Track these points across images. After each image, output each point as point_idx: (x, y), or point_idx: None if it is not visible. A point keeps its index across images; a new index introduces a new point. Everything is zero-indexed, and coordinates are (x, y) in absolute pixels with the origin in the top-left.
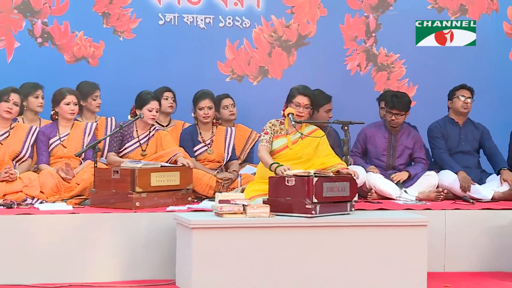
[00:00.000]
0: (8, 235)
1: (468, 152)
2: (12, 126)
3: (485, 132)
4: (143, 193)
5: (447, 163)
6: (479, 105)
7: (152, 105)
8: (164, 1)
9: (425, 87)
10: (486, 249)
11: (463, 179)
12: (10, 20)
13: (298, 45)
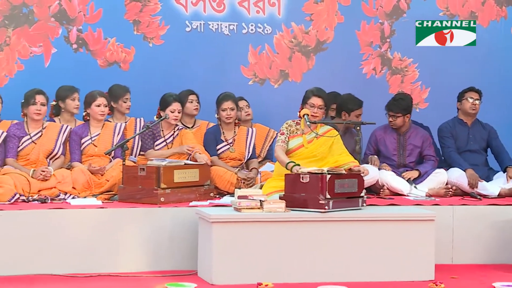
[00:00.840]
0: (42, 228)
1: (476, 151)
2: (44, 126)
3: (492, 132)
4: (167, 189)
5: (456, 161)
6: (487, 106)
7: (174, 106)
8: (191, 9)
9: (437, 89)
10: (492, 243)
11: (471, 176)
12: (48, 28)
13: (316, 50)
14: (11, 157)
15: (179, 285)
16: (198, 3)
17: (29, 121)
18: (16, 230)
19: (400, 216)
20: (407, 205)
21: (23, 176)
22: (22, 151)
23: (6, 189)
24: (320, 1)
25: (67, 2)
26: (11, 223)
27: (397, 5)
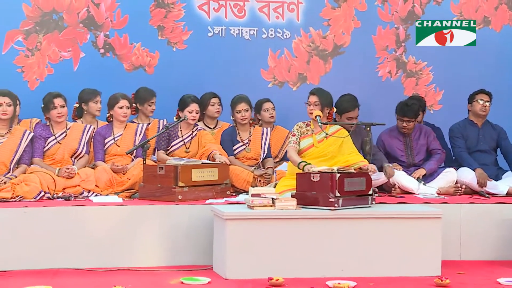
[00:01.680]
0: (64, 225)
1: (486, 151)
2: (68, 127)
3: (502, 133)
4: (185, 187)
5: (466, 161)
6: (499, 108)
7: (192, 107)
8: (213, 15)
9: (451, 91)
10: (499, 240)
11: (480, 175)
12: (76, 33)
13: (334, 54)
14: (38, 156)
15: (193, 279)
16: (219, 9)
17: (53, 123)
18: (40, 226)
19: (408, 214)
20: (415, 203)
21: (48, 174)
22: (48, 151)
23: (32, 187)
24: (337, 7)
25: (95, 9)
26: (36, 219)
27: (412, 11)
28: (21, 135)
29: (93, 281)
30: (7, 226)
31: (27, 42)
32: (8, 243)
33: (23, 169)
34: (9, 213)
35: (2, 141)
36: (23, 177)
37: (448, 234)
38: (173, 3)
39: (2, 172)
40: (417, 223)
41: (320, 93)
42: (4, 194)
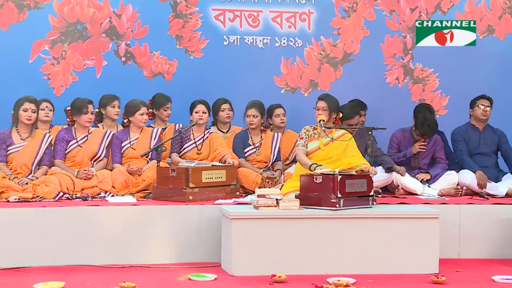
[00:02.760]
0: (81, 224)
1: (487, 154)
2: (90, 132)
3: (502, 136)
4: (195, 188)
5: (467, 163)
6: (502, 113)
7: (198, 108)
8: (228, 25)
9: (456, 97)
10: (497, 239)
11: (480, 177)
12: (99, 43)
13: (344, 62)
14: (59, 158)
15: (201, 275)
16: (235, 20)
17: (78, 127)
18: (57, 224)
19: (407, 213)
20: (416, 204)
21: (68, 176)
22: (69, 153)
23: (52, 188)
24: (347, 17)
25: (117, 20)
26: (54, 218)
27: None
28: (42, 138)
29: (106, 277)
30: (26, 224)
31: (53, 51)
32: (28, 241)
33: (44, 171)
34: (28, 212)
35: (24, 144)
36: (44, 178)
37: (448, 233)
38: (191, 13)
39: (24, 173)
40: (416, 223)
41: (328, 99)
42: (26, 194)
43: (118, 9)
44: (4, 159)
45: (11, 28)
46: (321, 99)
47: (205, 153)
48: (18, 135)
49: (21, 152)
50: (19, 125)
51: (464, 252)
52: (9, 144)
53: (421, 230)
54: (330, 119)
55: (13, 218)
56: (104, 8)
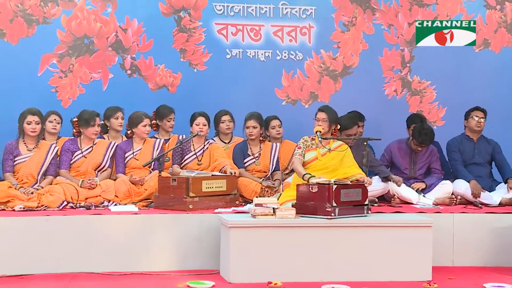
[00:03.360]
0: (83, 232)
1: (481, 164)
2: (94, 143)
3: (496, 147)
4: (195, 197)
5: (461, 173)
6: (497, 124)
7: (198, 120)
8: (231, 39)
9: (453, 109)
10: (490, 247)
11: (474, 186)
12: (106, 56)
13: (343, 74)
14: (64, 168)
15: (199, 283)
16: (237, 34)
17: (84, 138)
18: (60, 232)
19: (401, 222)
20: (410, 213)
21: (72, 185)
22: (74, 163)
23: (56, 197)
24: (347, 31)
25: (123, 34)
26: (57, 227)
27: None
28: (48, 149)
29: (107, 284)
30: (30, 233)
31: (61, 65)
32: (31, 248)
33: (49, 180)
34: (33, 221)
35: (30, 155)
36: (48, 188)
37: (441, 241)
38: (194, 28)
39: (30, 183)
40: (409, 231)
41: (328, 110)
42: (31, 203)
43: (124, 24)
44: (11, 169)
45: (20, 42)
46: (322, 111)
47: (206, 163)
48: (25, 146)
49: (27, 162)
50: (26, 136)
51: (457, 260)
52: (16, 155)
53: (415, 238)
54: (329, 130)
55: (17, 226)
56: (110, 23)
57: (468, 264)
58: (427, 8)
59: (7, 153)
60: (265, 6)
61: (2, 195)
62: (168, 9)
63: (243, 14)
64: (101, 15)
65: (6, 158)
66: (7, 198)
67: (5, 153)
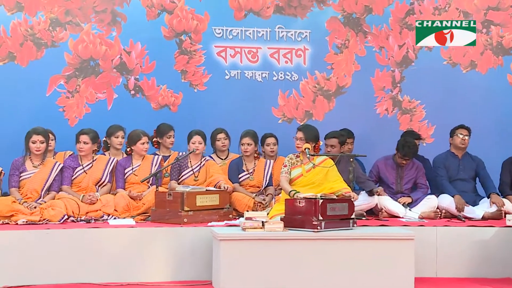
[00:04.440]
0: (82, 244)
1: (466, 179)
2: (95, 159)
3: (480, 163)
4: (190, 211)
5: (446, 188)
6: (483, 141)
7: (194, 138)
8: (230, 61)
9: (442, 127)
10: (471, 259)
11: (458, 201)
12: (110, 77)
13: (337, 94)
14: (66, 184)
15: None
16: (235, 55)
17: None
18: (60, 245)
19: (384, 235)
20: (395, 226)
21: (73, 200)
22: (75, 179)
23: (57, 211)
24: (340, 53)
25: (127, 56)
26: (57, 240)
27: (406, 55)
28: (52, 166)
29: None
30: (32, 245)
31: (68, 85)
32: (32, 260)
33: (52, 196)
34: (34, 234)
35: (35, 171)
36: (51, 203)
37: (425, 253)
38: (195, 50)
39: (34, 198)
40: (392, 244)
41: (305, 130)
42: (33, 217)
43: (128, 47)
44: (16, 185)
45: (30, 64)
46: (299, 130)
47: (202, 179)
48: (31, 162)
49: (32, 178)
50: (32, 153)
51: (441, 272)
52: (22, 171)
53: (397, 250)
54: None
55: (19, 239)
56: (115, 46)
57: (451, 275)
58: None
59: (13, 169)
60: (262, 30)
61: (6, 210)
62: (170, 33)
63: (241, 37)
64: (106, 39)
65: (12, 173)
66: (11, 212)
67: (11, 168)
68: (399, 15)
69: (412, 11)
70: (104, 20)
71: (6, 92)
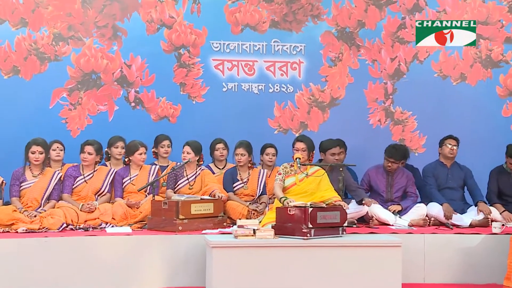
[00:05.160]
0: (80, 252)
1: (454, 188)
2: (95, 169)
3: (468, 172)
4: (185, 219)
5: (435, 197)
6: (473, 152)
7: (184, 148)
8: (227, 73)
9: (433, 137)
10: (458, 265)
11: (447, 209)
12: (112, 90)
13: (331, 105)
14: (67, 193)
15: None
16: (232, 69)
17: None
18: (59, 253)
19: (372, 242)
20: (383, 233)
21: (73, 209)
22: (76, 188)
23: (56, 220)
24: (334, 65)
25: (127, 69)
26: (55, 247)
27: (398, 68)
28: (51, 176)
29: None
30: (30, 253)
31: (70, 98)
32: (31, 268)
33: (52, 204)
34: (33, 241)
35: (35, 180)
36: (50, 211)
37: (413, 260)
38: (193, 63)
39: (34, 207)
40: (380, 251)
41: (306, 140)
42: (33, 225)
43: (129, 60)
44: (17, 194)
45: (33, 78)
46: (300, 141)
47: (197, 188)
48: (31, 172)
49: (32, 188)
50: (31, 164)
51: (428, 278)
52: (22, 181)
53: (385, 257)
54: (308, 157)
55: (18, 247)
56: (116, 60)
57: (439, 281)
58: (407, 44)
59: (14, 179)
60: (258, 44)
61: (7, 218)
62: (169, 47)
63: (238, 51)
64: (108, 53)
65: (13, 183)
66: (12, 221)
67: (12, 179)
68: (391, 29)
69: (403, 26)
70: (106, 35)
71: (11, 104)
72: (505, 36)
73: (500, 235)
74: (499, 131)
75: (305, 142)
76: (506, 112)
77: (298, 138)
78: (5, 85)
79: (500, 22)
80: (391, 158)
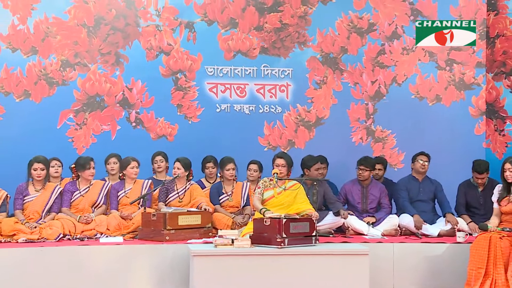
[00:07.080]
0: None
1: (425, 201)
2: (91, 183)
3: (438, 186)
4: (172, 230)
5: (407, 208)
6: (446, 165)
7: (175, 164)
8: (220, 96)
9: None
10: (425, 273)
11: (417, 220)
12: (114, 111)
13: (316, 124)
14: (66, 206)
15: None
16: (225, 91)
17: (82, 180)
18: (54, 261)
19: (342, 251)
20: (355, 242)
21: (70, 220)
22: (74, 202)
23: (54, 230)
24: (319, 88)
25: (129, 92)
26: (51, 256)
27: (378, 90)
28: (52, 190)
29: None
30: (27, 262)
31: (77, 119)
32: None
33: (52, 217)
34: (30, 251)
35: (37, 195)
36: (49, 223)
37: (383, 267)
38: (189, 86)
39: (35, 218)
40: (349, 259)
41: (285, 156)
42: (33, 236)
43: (130, 84)
44: (20, 207)
45: (42, 101)
46: (280, 157)
47: (186, 201)
48: (33, 187)
49: (34, 201)
50: (34, 179)
51: (397, 285)
52: (25, 195)
53: (354, 265)
54: (287, 172)
55: (16, 256)
56: (118, 83)
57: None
58: (387, 69)
59: (17, 193)
60: (249, 68)
61: (9, 229)
62: (167, 72)
63: (230, 75)
64: (111, 77)
65: (16, 197)
66: (13, 231)
67: (16, 193)
68: (371, 54)
69: (383, 51)
70: (109, 61)
71: (22, 125)
72: (476, 61)
73: (463, 244)
74: (472, 148)
75: (284, 159)
76: (478, 131)
77: (278, 155)
78: (17, 108)
79: (472, 48)
80: (362, 166)
